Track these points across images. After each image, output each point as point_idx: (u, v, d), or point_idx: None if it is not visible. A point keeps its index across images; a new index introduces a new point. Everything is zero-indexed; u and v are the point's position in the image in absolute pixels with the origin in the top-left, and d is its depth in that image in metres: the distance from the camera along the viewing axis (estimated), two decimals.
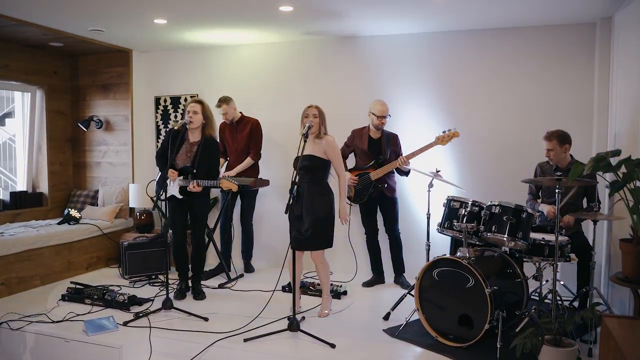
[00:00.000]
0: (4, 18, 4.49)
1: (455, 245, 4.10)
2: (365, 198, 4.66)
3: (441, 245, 4.67)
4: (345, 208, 3.96)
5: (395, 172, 4.71)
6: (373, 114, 4.61)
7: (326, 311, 3.99)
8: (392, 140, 4.72)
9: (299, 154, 3.70)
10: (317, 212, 3.80)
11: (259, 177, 5.21)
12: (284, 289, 4.58)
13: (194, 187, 4.14)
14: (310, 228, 3.77)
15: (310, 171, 3.83)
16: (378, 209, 4.83)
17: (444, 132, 4.37)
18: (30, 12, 4.42)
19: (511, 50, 4.88)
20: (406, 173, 4.67)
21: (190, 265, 4.58)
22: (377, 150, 4.68)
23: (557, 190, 3.31)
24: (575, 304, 3.88)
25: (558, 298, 3.42)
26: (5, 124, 6.35)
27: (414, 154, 4.46)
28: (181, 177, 4.21)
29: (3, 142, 6.31)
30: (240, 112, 5.20)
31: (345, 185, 3.98)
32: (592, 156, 4.25)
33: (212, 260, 5.34)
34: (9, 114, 6.33)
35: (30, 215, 5.70)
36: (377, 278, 4.90)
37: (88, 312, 4.01)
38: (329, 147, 3.84)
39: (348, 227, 4.81)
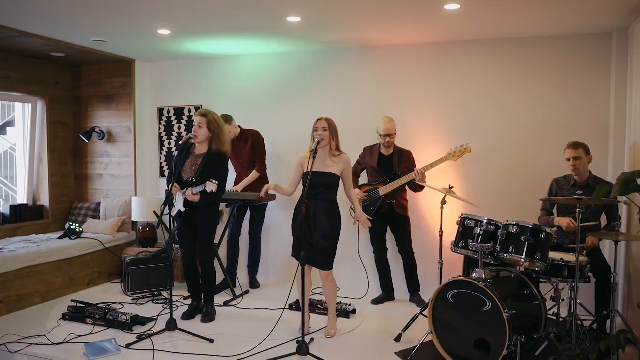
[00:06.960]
0: (6, 29, 4.39)
1: (469, 263, 3.97)
2: (372, 214, 4.49)
3: (454, 262, 4.52)
4: (363, 213, 3.87)
5: (409, 188, 4.55)
6: (378, 132, 4.50)
7: (332, 331, 3.88)
8: (404, 157, 4.55)
9: (309, 169, 3.57)
10: (332, 228, 3.74)
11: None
12: (290, 307, 4.44)
13: (190, 195, 3.94)
14: (326, 244, 3.70)
15: (328, 189, 3.74)
16: (389, 228, 4.69)
17: (456, 147, 4.26)
18: (32, 23, 4.32)
19: (523, 62, 4.74)
20: (421, 187, 4.47)
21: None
22: (388, 167, 4.54)
23: (578, 210, 3.18)
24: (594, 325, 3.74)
25: (578, 321, 3.29)
26: (6, 133, 6.23)
27: (425, 169, 4.33)
28: (184, 190, 4.06)
29: (4, 152, 6.20)
30: (239, 126, 5.04)
31: (356, 196, 4.01)
32: (612, 173, 4.22)
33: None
34: (9, 123, 6.22)
35: (31, 229, 5.58)
36: (387, 295, 4.77)
37: (89, 333, 3.88)
38: (348, 166, 3.82)
39: (357, 243, 4.69)
